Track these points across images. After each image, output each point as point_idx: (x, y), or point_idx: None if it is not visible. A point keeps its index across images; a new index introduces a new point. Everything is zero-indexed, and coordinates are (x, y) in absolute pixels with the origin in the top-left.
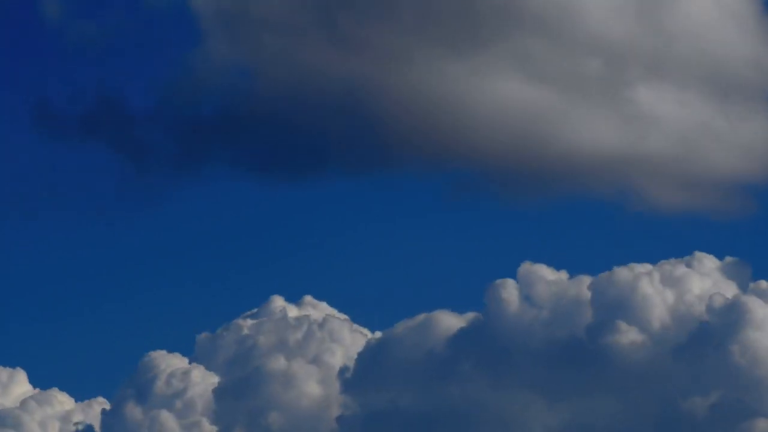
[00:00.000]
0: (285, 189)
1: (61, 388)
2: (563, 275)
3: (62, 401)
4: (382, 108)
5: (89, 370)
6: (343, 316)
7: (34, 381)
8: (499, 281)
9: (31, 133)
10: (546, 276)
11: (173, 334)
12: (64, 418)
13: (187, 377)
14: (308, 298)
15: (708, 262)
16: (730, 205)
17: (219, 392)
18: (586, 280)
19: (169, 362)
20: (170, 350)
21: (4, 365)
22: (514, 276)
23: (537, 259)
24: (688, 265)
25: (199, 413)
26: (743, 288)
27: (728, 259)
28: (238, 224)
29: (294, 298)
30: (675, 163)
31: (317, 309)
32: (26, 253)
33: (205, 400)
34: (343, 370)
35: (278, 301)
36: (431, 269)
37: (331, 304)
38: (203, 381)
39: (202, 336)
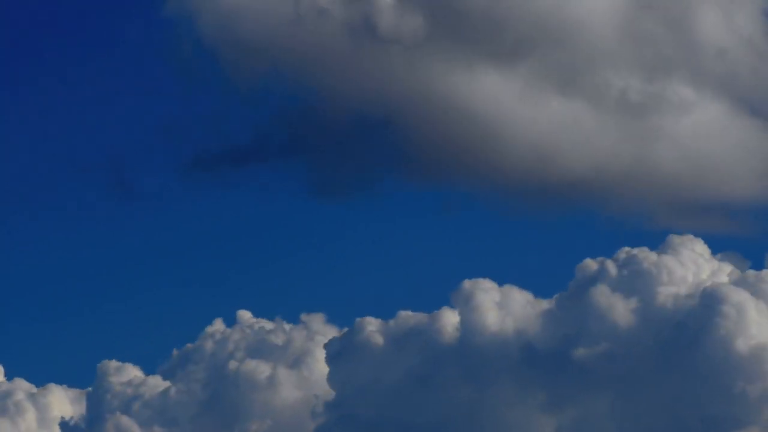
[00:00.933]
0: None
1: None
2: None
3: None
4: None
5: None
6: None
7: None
8: (468, 282)
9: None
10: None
11: (138, 345)
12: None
13: (145, 387)
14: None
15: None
16: (745, 226)
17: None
18: None
19: (130, 374)
20: (135, 363)
21: None
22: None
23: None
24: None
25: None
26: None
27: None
28: (236, 231)
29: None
30: (688, 183)
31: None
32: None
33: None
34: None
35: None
36: (416, 275)
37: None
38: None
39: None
